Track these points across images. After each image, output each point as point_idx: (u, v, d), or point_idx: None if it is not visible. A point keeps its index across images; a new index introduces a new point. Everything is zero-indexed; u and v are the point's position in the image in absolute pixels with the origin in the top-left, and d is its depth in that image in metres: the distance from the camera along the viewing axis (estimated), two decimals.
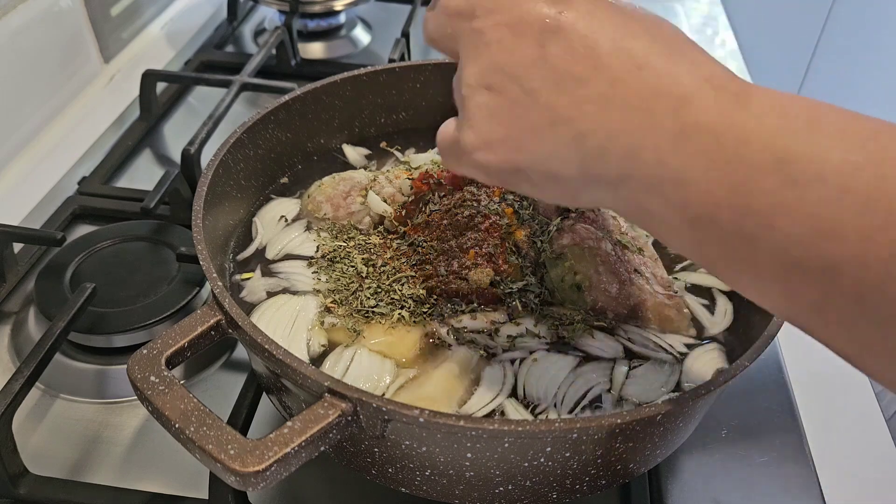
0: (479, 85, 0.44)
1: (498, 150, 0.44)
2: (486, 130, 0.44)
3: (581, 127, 0.41)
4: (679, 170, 0.39)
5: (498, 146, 0.44)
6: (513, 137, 0.43)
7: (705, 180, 0.38)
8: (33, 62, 1.03)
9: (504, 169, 0.45)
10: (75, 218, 0.91)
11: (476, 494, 0.53)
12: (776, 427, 0.70)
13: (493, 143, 0.44)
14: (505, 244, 0.64)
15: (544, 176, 0.44)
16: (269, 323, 0.61)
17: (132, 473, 0.65)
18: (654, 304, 0.62)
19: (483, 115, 0.44)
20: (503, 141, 0.44)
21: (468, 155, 0.46)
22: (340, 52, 1.30)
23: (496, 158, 0.44)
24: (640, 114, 0.39)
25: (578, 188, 0.43)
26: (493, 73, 0.43)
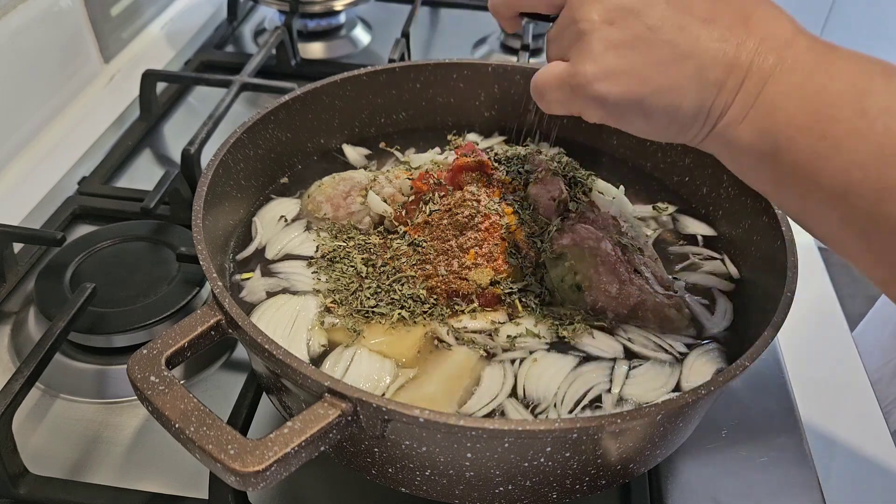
0: (603, 20, 0.47)
1: (622, 81, 0.47)
2: (610, 62, 0.47)
3: (703, 62, 0.46)
4: (773, 97, 0.45)
5: (622, 77, 0.47)
6: (637, 70, 0.47)
7: (792, 107, 0.44)
8: (33, 62, 1.03)
9: (625, 100, 0.48)
10: (75, 218, 0.91)
11: (476, 494, 0.53)
12: (776, 427, 0.70)
13: (617, 74, 0.47)
14: (505, 244, 0.64)
15: (662, 108, 0.48)
16: (269, 323, 0.61)
17: (132, 473, 0.65)
18: (654, 304, 0.62)
19: (606, 47, 0.47)
20: (628, 73, 0.47)
21: (588, 86, 0.48)
22: (340, 52, 1.30)
23: (619, 89, 0.48)
24: (751, 52, 0.45)
25: (688, 120, 0.48)
26: (616, 9, 0.47)
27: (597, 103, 0.49)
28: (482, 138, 0.85)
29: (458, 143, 0.84)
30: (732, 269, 0.70)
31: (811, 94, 0.44)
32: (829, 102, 0.43)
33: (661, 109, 0.48)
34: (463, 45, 1.32)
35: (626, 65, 0.47)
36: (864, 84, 0.43)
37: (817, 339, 0.83)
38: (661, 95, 0.47)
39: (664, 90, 0.47)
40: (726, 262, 0.70)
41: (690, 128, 0.49)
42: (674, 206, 0.77)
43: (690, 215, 0.76)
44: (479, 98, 0.84)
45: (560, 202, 0.67)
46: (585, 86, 0.49)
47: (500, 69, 0.82)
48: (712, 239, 0.73)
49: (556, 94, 0.51)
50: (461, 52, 1.31)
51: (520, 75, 0.82)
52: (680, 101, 0.47)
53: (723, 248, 0.72)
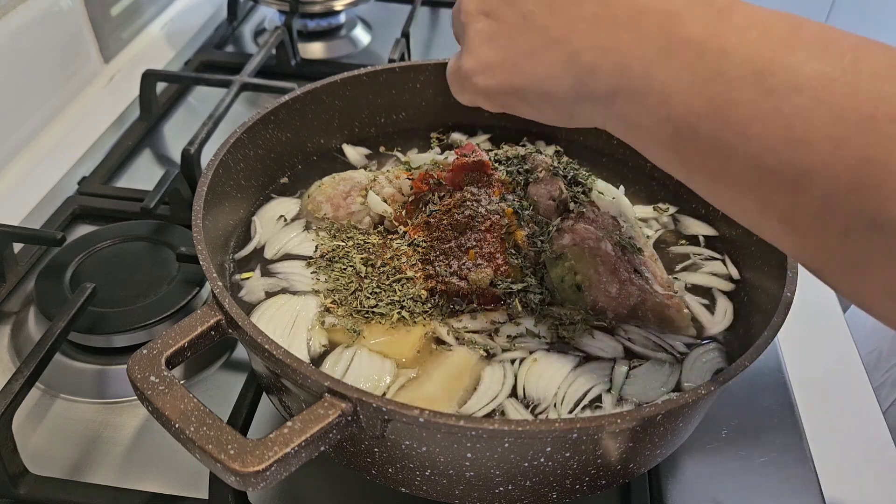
0: (478, 12, 0.47)
1: (496, 74, 0.47)
2: (484, 55, 0.47)
3: (574, 46, 0.43)
4: (664, 82, 0.41)
5: (496, 69, 0.47)
6: (510, 60, 0.46)
7: (688, 92, 0.40)
8: (33, 62, 1.03)
9: (503, 91, 0.47)
10: (75, 218, 0.91)
11: (476, 494, 0.53)
12: (776, 427, 0.70)
13: (491, 67, 0.47)
14: (505, 244, 0.64)
15: (541, 96, 0.46)
16: (269, 323, 0.61)
17: (132, 473, 0.65)
18: (654, 304, 0.62)
19: (481, 40, 0.47)
20: (501, 64, 0.46)
21: (469, 80, 0.48)
22: (340, 52, 1.30)
23: (495, 82, 0.47)
24: (629, 30, 0.42)
25: (572, 107, 0.46)
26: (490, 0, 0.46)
27: (481, 96, 0.49)
28: (466, 137, 0.85)
29: (437, 140, 0.84)
30: (733, 269, 0.70)
31: (706, 77, 0.39)
32: (728, 85, 0.39)
33: (539, 97, 0.46)
34: None
35: (501, 56, 0.46)
36: (766, 58, 0.38)
37: (817, 339, 0.83)
38: (537, 84, 0.46)
39: (538, 79, 0.45)
40: (727, 263, 0.70)
41: (577, 113, 0.46)
42: (674, 207, 0.77)
43: (691, 215, 0.76)
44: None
45: (560, 202, 0.67)
46: (467, 80, 0.49)
47: None
48: (713, 239, 0.73)
49: (454, 86, 0.52)
50: None
51: None
52: (555, 88, 0.45)
53: (723, 249, 0.72)
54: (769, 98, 0.38)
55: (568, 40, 0.44)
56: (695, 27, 0.40)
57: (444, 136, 0.85)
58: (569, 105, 0.46)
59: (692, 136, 0.41)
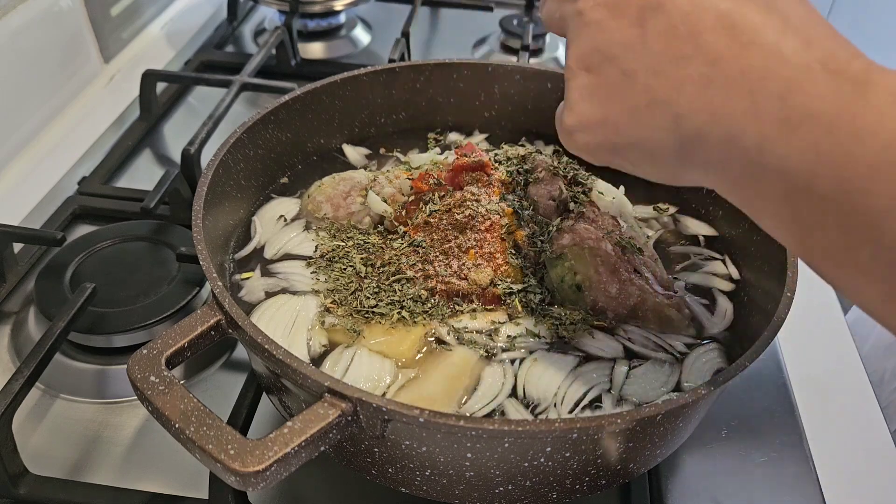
0: (579, 67, 0.44)
1: (596, 132, 0.45)
2: (584, 112, 0.45)
3: (679, 109, 0.40)
4: (783, 159, 0.36)
5: (596, 128, 0.45)
6: (610, 119, 0.44)
7: (812, 174, 0.35)
8: (33, 62, 1.03)
9: (603, 149, 0.46)
10: (75, 218, 0.91)
11: (476, 494, 0.53)
12: (776, 427, 0.70)
13: (591, 125, 0.45)
14: (505, 244, 0.64)
15: (642, 157, 0.44)
16: (269, 323, 0.61)
17: (132, 473, 0.65)
18: (654, 304, 0.62)
19: (582, 96, 0.45)
20: (601, 123, 0.44)
21: (570, 137, 0.47)
22: (340, 52, 1.30)
23: (594, 140, 0.45)
24: (742, 97, 0.37)
25: (676, 169, 0.44)
26: (592, 54, 0.43)
27: (582, 151, 0.47)
28: (464, 137, 0.85)
29: (434, 141, 0.84)
30: (733, 269, 0.70)
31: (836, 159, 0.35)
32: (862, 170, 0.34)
33: (641, 158, 0.44)
34: (463, 45, 1.32)
35: (600, 114, 0.44)
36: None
37: (817, 339, 0.83)
38: (638, 146, 0.43)
39: (639, 140, 0.43)
40: (727, 263, 0.70)
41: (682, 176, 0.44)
42: (674, 207, 0.77)
43: (691, 215, 0.76)
44: (479, 98, 0.84)
45: (560, 202, 0.67)
46: (569, 137, 0.47)
47: (500, 69, 0.83)
48: (713, 239, 0.73)
49: (562, 137, 0.49)
50: (461, 52, 1.31)
51: (520, 75, 0.82)
52: (657, 152, 0.43)
53: (723, 249, 0.72)
54: None
55: (671, 102, 0.40)
56: (822, 100, 0.35)
57: (442, 137, 0.85)
58: (672, 168, 0.44)
59: (816, 222, 0.37)
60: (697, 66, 0.39)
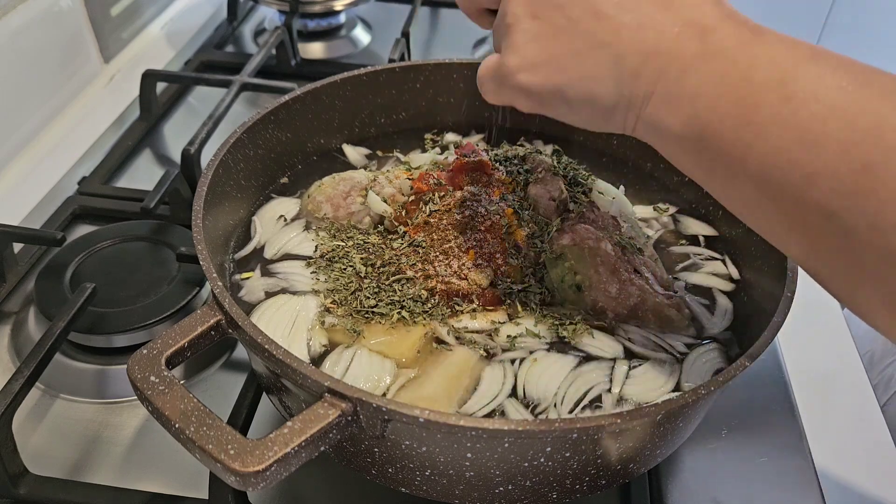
0: (526, 14, 0.49)
1: (540, 71, 0.49)
2: (531, 53, 0.49)
3: (619, 50, 0.46)
4: (696, 85, 0.44)
5: (541, 67, 0.49)
6: (555, 59, 0.48)
7: (715, 94, 0.44)
8: (33, 62, 1.03)
9: (545, 89, 0.49)
10: (75, 218, 0.91)
11: (476, 494, 0.53)
12: (776, 427, 0.70)
13: (536, 65, 0.49)
14: (505, 244, 0.64)
15: (581, 96, 0.48)
16: (269, 323, 0.61)
17: (132, 473, 0.65)
18: (654, 304, 0.62)
19: (528, 38, 0.49)
20: (546, 62, 0.48)
21: (512, 76, 0.50)
22: (340, 52, 1.30)
23: (538, 79, 0.49)
24: (670, 39, 0.45)
25: (609, 109, 0.48)
26: (540, 2, 0.48)
27: (521, 93, 0.51)
28: (461, 137, 0.85)
29: (431, 142, 0.84)
30: (733, 269, 0.70)
31: (735, 81, 0.43)
32: (753, 89, 0.43)
33: (580, 98, 0.49)
34: (463, 45, 1.32)
35: (546, 55, 0.48)
36: (790, 69, 0.42)
37: (817, 339, 0.83)
38: (579, 84, 0.48)
39: (581, 79, 0.48)
40: (727, 263, 0.70)
41: (613, 116, 0.49)
42: (674, 207, 0.77)
43: (691, 215, 0.76)
44: (479, 98, 0.84)
45: (560, 202, 0.67)
46: (510, 77, 0.50)
47: None
48: (713, 239, 0.73)
49: (489, 84, 0.53)
50: (461, 52, 1.31)
51: None
52: (597, 90, 0.48)
53: (723, 249, 0.72)
54: (788, 103, 0.41)
55: (613, 44, 0.46)
56: (730, 39, 0.44)
57: (439, 137, 0.85)
58: (607, 107, 0.48)
59: (714, 136, 0.44)
60: (634, 15, 0.46)
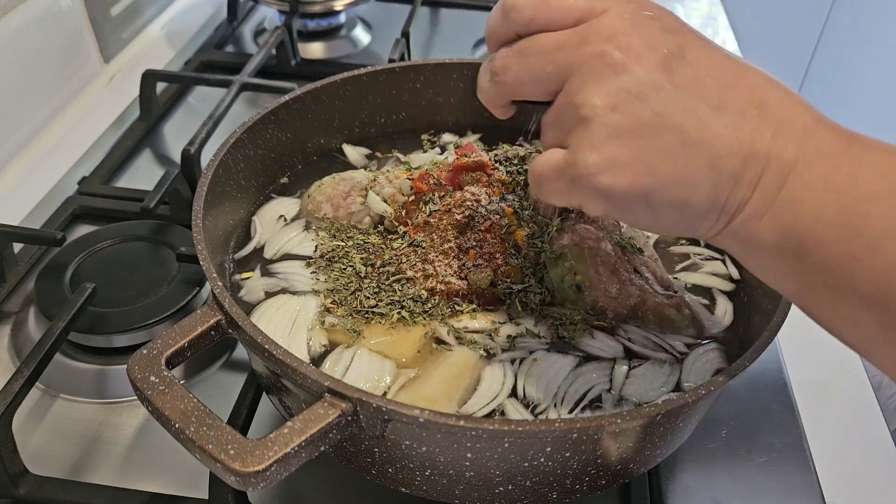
0: (605, 105, 0.43)
1: (626, 172, 0.43)
2: (614, 151, 0.43)
3: (715, 150, 0.42)
4: (796, 191, 0.41)
5: (627, 168, 0.43)
6: (643, 159, 0.42)
7: (820, 202, 0.40)
8: (33, 62, 1.03)
9: (630, 193, 0.43)
10: (75, 218, 0.91)
11: (476, 494, 0.53)
12: (776, 427, 0.70)
13: (621, 165, 0.43)
14: (505, 244, 0.64)
15: (670, 202, 0.43)
16: (269, 323, 0.61)
17: (132, 473, 0.65)
18: (654, 304, 0.62)
19: (609, 136, 0.43)
20: (633, 163, 0.43)
21: (589, 177, 0.44)
22: (340, 52, 1.30)
23: (623, 181, 0.43)
24: (769, 141, 0.41)
25: (699, 215, 0.44)
26: (620, 94, 0.42)
27: (599, 196, 0.44)
28: (457, 138, 0.85)
29: (429, 143, 0.84)
30: (733, 269, 0.70)
31: (840, 188, 0.40)
32: (861, 197, 0.39)
33: (668, 203, 0.43)
34: (463, 45, 1.32)
35: (631, 154, 0.42)
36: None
37: (817, 340, 0.82)
38: (670, 188, 0.43)
39: (673, 182, 0.42)
40: (727, 263, 0.70)
41: (702, 223, 0.44)
42: None
43: None
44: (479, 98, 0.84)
45: None
46: (587, 177, 0.43)
47: None
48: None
49: (555, 184, 0.46)
50: (461, 52, 1.31)
51: None
52: (690, 195, 0.43)
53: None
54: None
55: (708, 143, 0.42)
56: (830, 143, 0.41)
57: (436, 138, 0.85)
58: (697, 213, 0.44)
59: (817, 247, 0.41)
60: (727, 114, 0.42)
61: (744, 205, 0.42)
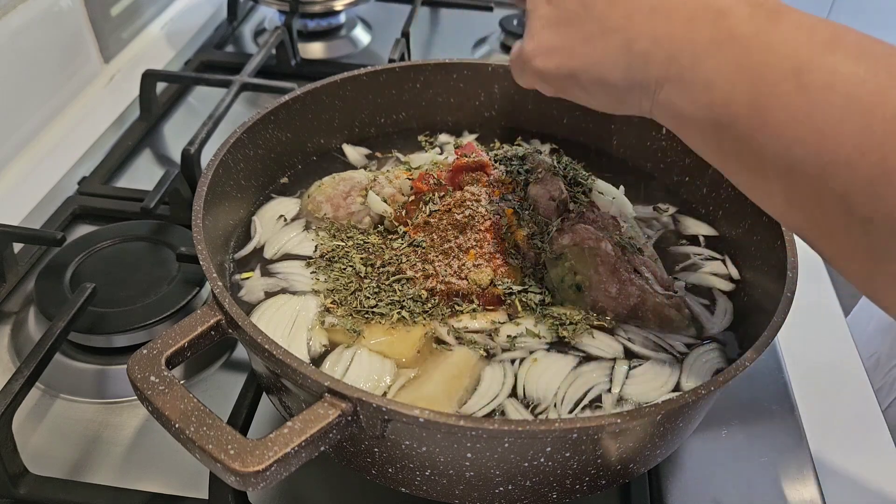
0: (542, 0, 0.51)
1: (553, 57, 0.51)
2: (544, 39, 0.51)
3: (629, 35, 0.47)
4: (710, 72, 0.44)
5: (554, 53, 0.51)
6: (567, 45, 0.50)
7: (730, 83, 0.43)
8: (33, 62, 1.03)
9: (559, 74, 0.51)
10: (75, 218, 0.91)
11: (476, 494, 0.53)
12: (776, 427, 0.70)
13: (549, 50, 0.51)
14: (505, 244, 0.64)
15: (594, 81, 0.50)
16: (269, 323, 0.61)
17: (132, 473, 0.65)
18: (654, 304, 0.62)
19: (542, 25, 0.51)
20: (559, 48, 0.50)
21: (530, 61, 0.52)
22: (340, 52, 1.30)
23: (553, 64, 0.51)
24: (682, 23, 0.45)
25: (623, 93, 0.49)
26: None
27: (538, 77, 0.53)
28: (454, 138, 0.85)
29: (427, 143, 0.84)
30: (733, 269, 0.70)
31: (749, 69, 0.43)
32: (768, 79, 0.42)
33: (593, 82, 0.50)
34: (463, 45, 1.33)
35: (559, 41, 0.50)
36: (805, 57, 0.41)
37: (817, 340, 0.83)
38: (591, 69, 0.49)
39: (593, 64, 0.49)
40: (727, 263, 0.70)
41: (627, 99, 0.49)
42: (674, 207, 0.77)
43: (691, 215, 0.76)
44: (479, 98, 0.85)
45: (560, 202, 0.67)
46: (528, 62, 0.52)
47: (500, 69, 0.82)
48: (713, 239, 0.73)
49: (514, 68, 0.56)
50: (461, 52, 1.31)
51: None
52: (608, 75, 0.49)
53: (723, 249, 0.72)
54: (805, 93, 0.41)
55: (624, 29, 0.47)
56: (744, 25, 0.44)
57: (433, 139, 0.84)
58: (620, 91, 0.49)
59: (730, 125, 0.44)
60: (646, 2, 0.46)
61: (662, 83, 0.46)
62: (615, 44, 0.48)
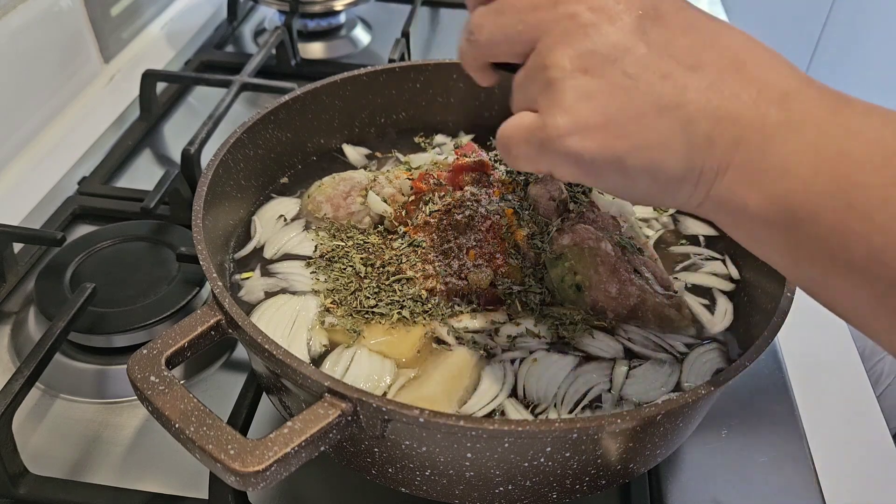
0: (575, 67, 0.41)
1: (597, 136, 0.41)
2: (584, 114, 0.41)
3: (689, 113, 0.40)
4: (784, 159, 0.38)
5: (597, 131, 0.41)
6: (615, 122, 0.41)
7: (811, 172, 0.38)
8: (33, 62, 1.03)
9: (601, 157, 0.42)
10: (75, 218, 0.91)
11: (476, 494, 0.53)
12: (776, 427, 0.70)
13: (591, 128, 0.41)
14: (505, 244, 0.64)
15: (644, 167, 0.42)
16: (269, 323, 0.61)
17: (132, 473, 0.65)
18: (654, 304, 0.62)
19: (579, 97, 0.41)
20: (604, 126, 0.41)
21: (559, 140, 0.42)
22: (340, 52, 1.30)
23: (594, 145, 0.42)
24: (747, 105, 0.39)
25: (674, 182, 0.42)
26: (591, 55, 0.41)
27: (569, 160, 0.43)
28: (450, 139, 0.85)
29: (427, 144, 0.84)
30: (733, 269, 0.70)
31: (831, 156, 0.37)
32: (854, 166, 0.37)
33: (642, 168, 0.42)
34: None
35: (602, 117, 0.41)
36: (891, 143, 0.37)
37: (817, 340, 0.83)
38: (642, 152, 0.41)
39: (645, 146, 0.41)
40: (727, 263, 0.70)
41: (679, 190, 0.43)
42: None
43: (691, 215, 0.76)
44: (479, 98, 0.84)
45: (560, 202, 0.67)
46: (556, 140, 0.42)
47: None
48: (713, 239, 0.73)
49: (524, 148, 0.44)
50: None
51: None
52: (663, 159, 0.41)
53: (723, 249, 0.72)
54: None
55: (681, 106, 0.40)
56: (816, 106, 0.39)
57: (429, 139, 0.84)
58: (672, 180, 0.42)
59: (809, 219, 0.38)
60: (703, 76, 0.40)
61: (724, 171, 0.40)
62: (672, 124, 0.40)
